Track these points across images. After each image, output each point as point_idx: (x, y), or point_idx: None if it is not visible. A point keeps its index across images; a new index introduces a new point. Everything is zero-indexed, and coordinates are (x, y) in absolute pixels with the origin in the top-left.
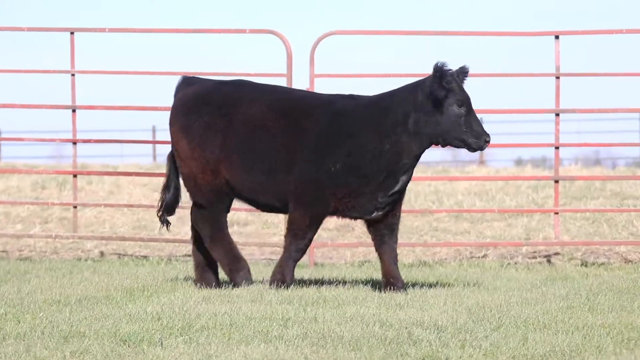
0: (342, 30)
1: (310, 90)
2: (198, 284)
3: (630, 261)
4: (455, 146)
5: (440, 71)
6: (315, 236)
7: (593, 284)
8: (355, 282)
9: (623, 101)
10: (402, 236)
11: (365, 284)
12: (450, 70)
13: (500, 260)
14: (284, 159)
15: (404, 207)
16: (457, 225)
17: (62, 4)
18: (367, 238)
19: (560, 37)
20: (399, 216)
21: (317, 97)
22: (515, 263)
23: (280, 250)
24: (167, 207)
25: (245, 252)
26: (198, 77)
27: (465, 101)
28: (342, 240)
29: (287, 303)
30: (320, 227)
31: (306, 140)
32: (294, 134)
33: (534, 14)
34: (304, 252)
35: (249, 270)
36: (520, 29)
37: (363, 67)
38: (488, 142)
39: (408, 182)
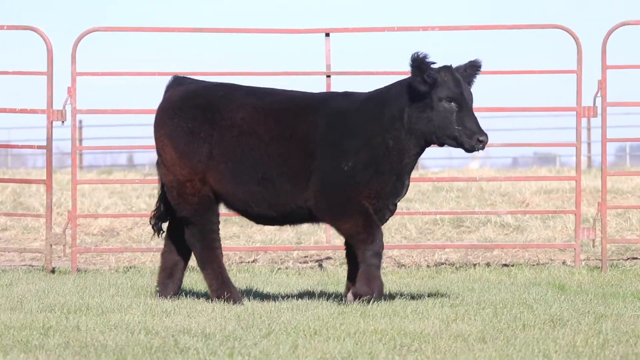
0: (104, 26)
1: (70, 89)
2: (157, 289)
3: (403, 265)
4: (449, 145)
5: (417, 62)
6: (78, 241)
7: None
8: (119, 289)
9: None
10: None
11: (131, 291)
12: (432, 62)
13: (271, 265)
14: (283, 167)
15: None
16: (226, 229)
17: None
18: (133, 243)
19: (330, 34)
20: None
21: (310, 96)
22: (286, 268)
23: (42, 256)
24: (161, 216)
25: (4, 258)
26: (189, 78)
27: (457, 97)
28: (107, 245)
29: (48, 311)
30: (84, 232)
31: (309, 146)
32: (290, 140)
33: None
34: (381, 255)
35: (237, 294)
36: (291, 26)
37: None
38: (482, 141)
39: (408, 187)
